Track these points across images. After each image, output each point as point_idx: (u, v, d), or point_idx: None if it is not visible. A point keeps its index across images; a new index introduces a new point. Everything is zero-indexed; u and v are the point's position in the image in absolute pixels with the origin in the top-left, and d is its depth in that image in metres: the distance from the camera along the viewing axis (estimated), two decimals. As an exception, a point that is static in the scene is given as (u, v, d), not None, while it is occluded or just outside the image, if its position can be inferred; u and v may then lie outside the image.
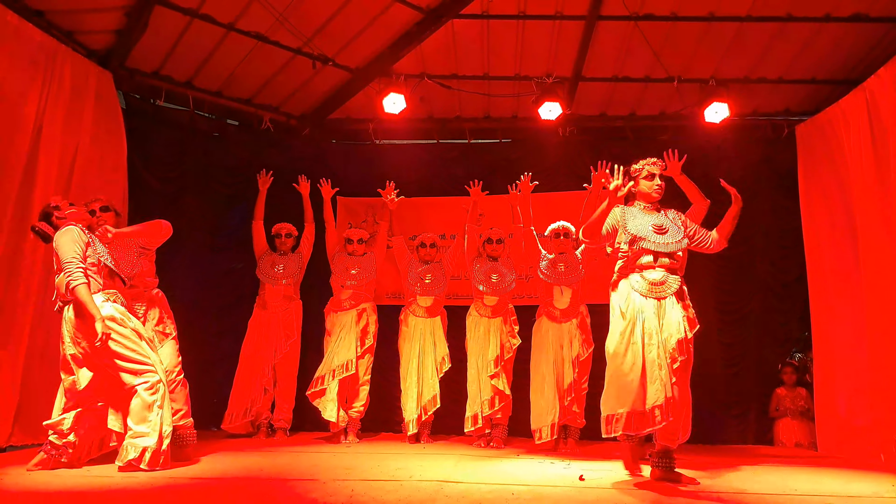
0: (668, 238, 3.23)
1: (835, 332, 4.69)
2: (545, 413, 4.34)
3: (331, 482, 2.86)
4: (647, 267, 3.19)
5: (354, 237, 5.01)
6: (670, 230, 3.26)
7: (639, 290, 3.16)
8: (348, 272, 4.92)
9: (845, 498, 2.70)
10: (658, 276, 3.17)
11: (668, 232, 3.25)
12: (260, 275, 5.01)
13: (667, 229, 3.26)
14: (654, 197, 3.35)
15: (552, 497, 2.61)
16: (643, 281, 3.17)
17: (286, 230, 5.11)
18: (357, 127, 6.01)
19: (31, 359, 4.02)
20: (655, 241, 3.21)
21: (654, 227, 3.24)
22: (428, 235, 5.05)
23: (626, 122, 5.83)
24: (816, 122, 4.93)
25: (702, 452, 4.31)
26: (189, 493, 2.68)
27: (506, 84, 5.52)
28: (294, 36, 4.86)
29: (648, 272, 3.18)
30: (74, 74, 4.33)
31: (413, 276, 4.87)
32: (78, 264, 3.16)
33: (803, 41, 4.88)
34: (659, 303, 3.12)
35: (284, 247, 5.09)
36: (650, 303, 3.12)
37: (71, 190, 4.31)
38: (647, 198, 3.36)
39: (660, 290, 3.15)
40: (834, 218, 4.69)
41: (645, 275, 3.18)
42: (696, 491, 2.83)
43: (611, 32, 4.93)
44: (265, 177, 5.16)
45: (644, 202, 3.37)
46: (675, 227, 3.30)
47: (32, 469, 3.11)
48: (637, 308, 3.11)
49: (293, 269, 5.03)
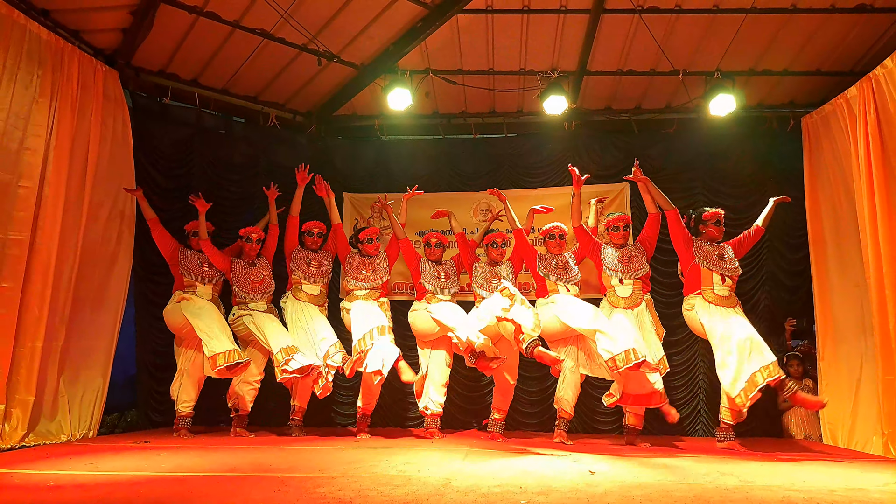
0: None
1: (838, 324, 4.67)
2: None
3: (339, 477, 2.88)
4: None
5: (363, 237, 4.96)
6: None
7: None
8: (360, 273, 4.87)
9: (854, 489, 2.70)
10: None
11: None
12: (297, 270, 4.88)
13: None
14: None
15: (560, 490, 2.62)
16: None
17: (318, 228, 5.04)
18: (363, 123, 6.02)
19: (45, 359, 4.06)
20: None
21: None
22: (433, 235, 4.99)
23: (631, 116, 5.81)
24: (822, 113, 4.90)
25: (710, 445, 4.33)
26: (198, 487, 2.71)
27: (511, 79, 5.51)
28: (299, 33, 4.87)
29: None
30: (81, 73, 4.37)
31: (427, 276, 4.81)
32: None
33: (808, 33, 4.85)
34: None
35: (315, 244, 5.03)
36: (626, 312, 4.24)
37: (82, 189, 4.36)
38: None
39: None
40: (837, 209, 4.67)
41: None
42: (704, 483, 2.84)
43: (615, 26, 4.92)
44: (303, 171, 4.98)
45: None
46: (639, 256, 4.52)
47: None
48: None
49: (327, 267, 4.99)
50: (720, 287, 4.21)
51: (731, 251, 4.34)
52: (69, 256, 4.25)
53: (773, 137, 5.51)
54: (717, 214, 4.38)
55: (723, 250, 4.31)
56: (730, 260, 4.29)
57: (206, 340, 4.36)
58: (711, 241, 4.36)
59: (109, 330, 4.66)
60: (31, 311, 3.97)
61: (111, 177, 4.64)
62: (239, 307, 4.75)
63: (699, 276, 4.24)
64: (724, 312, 4.13)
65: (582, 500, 2.42)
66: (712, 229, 4.34)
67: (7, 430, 3.81)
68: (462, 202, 5.77)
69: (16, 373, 3.89)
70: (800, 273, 5.18)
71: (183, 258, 4.76)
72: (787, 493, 2.61)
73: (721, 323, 4.05)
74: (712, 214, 4.38)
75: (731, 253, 4.33)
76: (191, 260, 4.78)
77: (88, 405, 4.45)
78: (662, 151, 5.64)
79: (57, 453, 3.63)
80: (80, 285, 4.34)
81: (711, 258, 4.25)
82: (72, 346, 4.31)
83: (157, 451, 3.81)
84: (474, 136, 5.94)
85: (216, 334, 4.40)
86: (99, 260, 4.57)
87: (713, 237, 4.35)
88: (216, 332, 4.40)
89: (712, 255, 4.27)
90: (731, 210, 5.35)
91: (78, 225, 4.32)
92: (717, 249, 4.31)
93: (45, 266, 4.03)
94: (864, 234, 4.22)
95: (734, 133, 5.51)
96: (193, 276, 4.73)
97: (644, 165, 5.58)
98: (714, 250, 4.30)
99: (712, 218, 4.36)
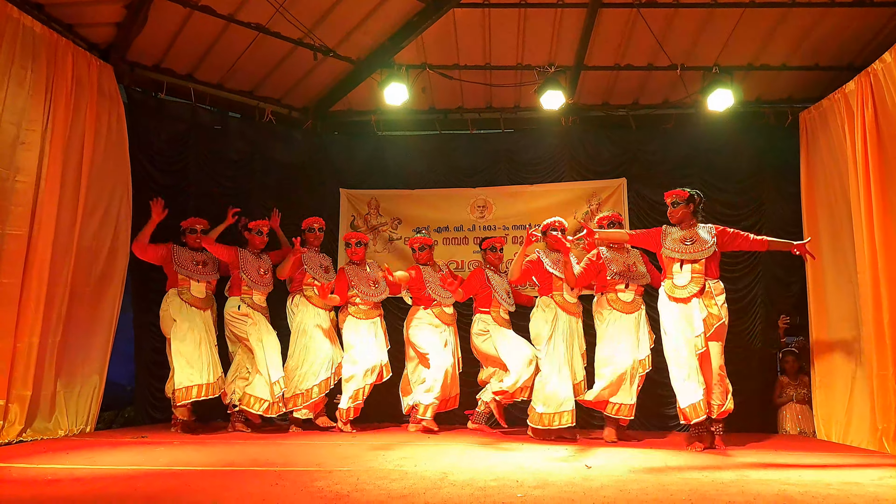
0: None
1: (832, 319, 4.68)
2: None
3: (336, 471, 2.89)
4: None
5: (353, 240, 4.93)
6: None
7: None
8: (371, 285, 4.86)
9: (849, 484, 2.71)
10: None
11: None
12: (312, 272, 4.85)
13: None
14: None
15: (557, 484, 2.62)
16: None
17: (319, 224, 5.01)
18: (359, 119, 6.00)
19: (42, 355, 4.05)
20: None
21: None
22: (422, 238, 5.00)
23: (629, 111, 5.80)
24: (820, 108, 4.90)
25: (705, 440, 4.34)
26: (195, 481, 2.71)
27: (508, 74, 5.50)
28: (294, 27, 4.84)
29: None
30: (76, 68, 4.33)
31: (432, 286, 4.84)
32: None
33: (806, 27, 4.84)
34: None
35: (317, 242, 5.00)
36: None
37: (78, 185, 4.34)
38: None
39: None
40: (833, 205, 4.67)
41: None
42: (700, 478, 2.85)
43: (613, 20, 4.90)
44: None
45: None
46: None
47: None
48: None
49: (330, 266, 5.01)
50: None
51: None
52: (65, 252, 4.23)
53: (770, 132, 5.51)
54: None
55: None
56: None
57: (177, 369, 4.46)
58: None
59: (106, 326, 4.65)
60: (29, 307, 3.96)
61: (106, 172, 4.62)
62: (242, 298, 4.73)
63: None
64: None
65: (578, 494, 2.43)
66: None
67: (5, 426, 3.80)
68: (458, 198, 5.77)
69: (14, 368, 3.88)
70: (795, 269, 5.19)
71: (177, 256, 4.72)
72: (783, 486, 2.62)
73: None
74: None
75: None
76: (185, 257, 4.74)
77: (85, 401, 4.44)
78: (660, 147, 5.64)
79: (54, 448, 3.63)
80: (76, 281, 4.32)
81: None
82: (68, 342, 4.30)
83: (154, 446, 3.81)
84: (471, 131, 5.92)
85: (184, 365, 4.48)
86: (95, 255, 4.55)
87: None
88: (185, 363, 4.49)
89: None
90: (728, 205, 5.38)
91: (74, 220, 4.30)
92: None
93: (41, 261, 4.02)
94: (859, 230, 4.22)
95: (732, 128, 5.50)
96: (188, 274, 4.70)
97: (642, 161, 5.63)
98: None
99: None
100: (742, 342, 5.30)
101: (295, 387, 4.67)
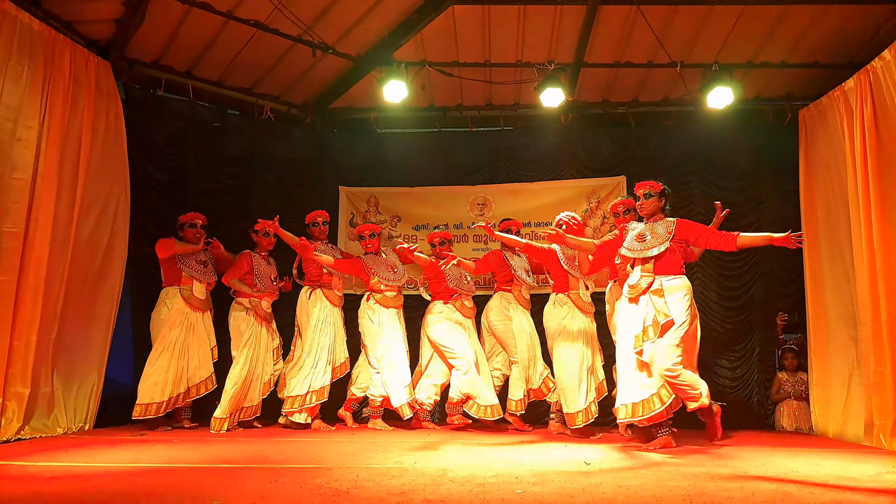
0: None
1: (830, 317, 4.69)
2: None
3: (336, 468, 2.89)
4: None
5: (367, 232, 4.94)
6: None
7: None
8: (391, 270, 4.90)
9: (846, 479, 2.72)
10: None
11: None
12: (322, 266, 4.86)
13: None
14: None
15: (556, 481, 2.62)
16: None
17: (323, 217, 4.99)
18: (359, 116, 6.00)
19: (40, 353, 4.04)
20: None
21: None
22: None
23: (628, 109, 5.80)
24: (819, 106, 4.90)
25: (703, 436, 4.34)
26: (194, 478, 2.71)
27: (507, 71, 5.49)
28: (293, 24, 4.84)
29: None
30: (74, 65, 4.32)
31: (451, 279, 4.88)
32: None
33: (806, 25, 4.84)
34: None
35: (323, 235, 4.98)
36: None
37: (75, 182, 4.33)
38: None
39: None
40: (832, 203, 4.68)
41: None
42: (698, 473, 2.85)
43: (613, 17, 4.90)
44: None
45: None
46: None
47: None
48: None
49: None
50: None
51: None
52: (62, 249, 4.22)
53: (770, 130, 5.51)
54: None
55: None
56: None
57: (144, 376, 4.47)
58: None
59: (104, 323, 4.63)
60: (26, 305, 3.95)
61: (104, 170, 4.61)
62: (250, 301, 4.72)
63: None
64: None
65: (577, 489, 2.43)
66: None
67: (3, 423, 3.80)
68: (458, 196, 5.77)
69: (11, 366, 3.87)
70: (794, 266, 5.19)
71: (180, 254, 4.67)
72: (781, 482, 2.62)
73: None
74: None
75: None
76: (189, 255, 4.71)
77: (84, 399, 4.43)
78: (660, 144, 5.64)
79: (53, 446, 3.62)
80: (73, 278, 4.31)
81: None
82: (66, 340, 4.29)
83: (153, 443, 3.81)
84: (470, 129, 5.92)
85: (160, 378, 4.47)
86: (93, 253, 4.54)
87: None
88: (164, 376, 4.47)
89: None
90: (727, 203, 5.36)
91: (71, 217, 4.29)
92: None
93: (38, 259, 4.01)
94: (857, 228, 4.22)
95: (731, 126, 5.50)
96: (193, 273, 4.66)
97: (641, 158, 5.63)
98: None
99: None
100: (740, 339, 5.31)
101: (309, 385, 4.63)
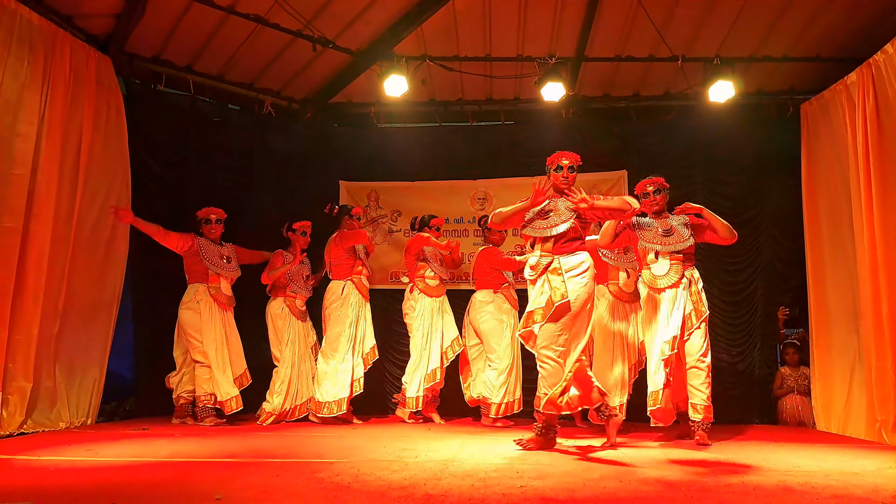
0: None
1: (832, 311, 4.69)
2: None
3: (337, 462, 2.90)
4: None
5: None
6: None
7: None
8: (438, 262, 5.04)
9: (848, 474, 2.73)
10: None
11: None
12: (359, 255, 4.98)
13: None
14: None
15: (556, 475, 2.63)
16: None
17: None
18: (359, 111, 5.97)
19: (42, 347, 4.05)
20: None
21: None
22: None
23: (630, 103, 5.78)
24: (821, 100, 4.88)
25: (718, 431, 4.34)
26: (197, 472, 2.72)
27: (508, 65, 5.46)
28: (294, 18, 4.81)
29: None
30: (74, 59, 4.31)
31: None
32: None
33: (808, 18, 4.82)
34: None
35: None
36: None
37: (76, 177, 4.33)
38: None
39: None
40: (834, 197, 4.67)
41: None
42: (700, 468, 2.86)
43: (614, 11, 4.87)
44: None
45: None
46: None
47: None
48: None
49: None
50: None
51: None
52: (63, 244, 4.23)
53: (771, 124, 5.49)
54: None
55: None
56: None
57: (218, 378, 4.55)
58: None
59: (106, 318, 4.64)
60: (27, 299, 3.95)
61: (105, 165, 4.60)
62: (286, 300, 4.81)
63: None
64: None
65: (578, 484, 2.44)
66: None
67: (5, 417, 3.81)
68: (458, 190, 5.76)
69: (12, 360, 3.88)
70: (796, 261, 5.19)
71: (204, 250, 4.62)
72: (783, 477, 2.63)
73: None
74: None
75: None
76: (213, 252, 4.65)
77: (86, 393, 4.44)
78: (661, 138, 5.62)
79: (56, 440, 3.64)
80: (74, 273, 4.31)
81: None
82: (68, 334, 4.30)
83: (156, 438, 3.82)
84: (471, 123, 5.90)
85: (224, 373, 4.56)
86: (94, 248, 4.54)
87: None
88: (224, 371, 4.57)
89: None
90: (728, 197, 5.37)
91: (72, 213, 4.29)
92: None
93: (38, 253, 4.01)
94: (859, 222, 4.21)
95: (733, 120, 5.48)
96: (217, 270, 4.64)
97: (642, 152, 5.62)
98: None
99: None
100: (741, 334, 5.31)
101: (342, 385, 4.63)
